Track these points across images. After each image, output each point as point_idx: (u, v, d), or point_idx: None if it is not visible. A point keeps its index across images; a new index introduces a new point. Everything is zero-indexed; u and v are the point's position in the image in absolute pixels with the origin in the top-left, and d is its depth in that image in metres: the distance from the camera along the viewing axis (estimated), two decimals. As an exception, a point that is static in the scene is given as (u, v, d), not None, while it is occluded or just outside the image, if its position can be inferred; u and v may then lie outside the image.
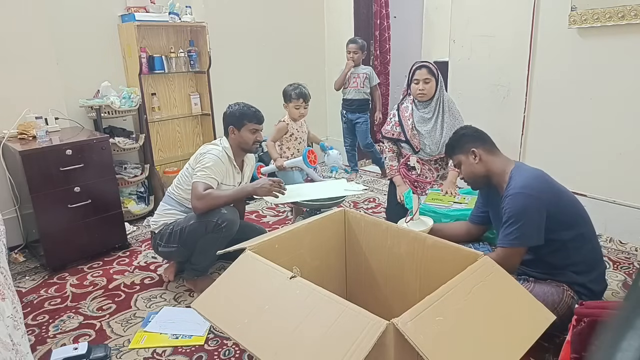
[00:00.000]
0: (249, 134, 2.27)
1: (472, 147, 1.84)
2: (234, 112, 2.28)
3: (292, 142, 3.05)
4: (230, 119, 2.29)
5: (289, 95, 2.95)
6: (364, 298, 1.81)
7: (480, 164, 1.84)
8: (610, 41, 2.48)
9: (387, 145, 2.81)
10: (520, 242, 1.68)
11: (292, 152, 3.04)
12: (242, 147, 2.31)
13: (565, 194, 1.77)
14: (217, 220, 2.07)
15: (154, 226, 2.28)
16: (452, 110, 2.62)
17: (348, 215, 1.84)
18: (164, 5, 3.18)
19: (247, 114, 2.28)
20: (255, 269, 1.39)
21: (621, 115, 2.52)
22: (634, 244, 2.54)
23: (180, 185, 2.26)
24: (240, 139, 2.28)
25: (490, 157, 1.84)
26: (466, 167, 1.88)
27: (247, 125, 2.26)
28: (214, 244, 2.05)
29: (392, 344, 1.04)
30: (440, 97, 2.60)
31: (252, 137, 2.28)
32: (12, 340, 1.25)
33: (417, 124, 2.64)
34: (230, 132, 2.28)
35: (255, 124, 2.29)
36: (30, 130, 2.56)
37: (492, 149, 1.86)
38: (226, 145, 2.28)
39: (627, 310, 0.44)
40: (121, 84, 3.11)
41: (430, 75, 2.54)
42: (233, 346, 1.83)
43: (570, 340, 1.36)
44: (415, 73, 2.57)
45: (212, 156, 2.17)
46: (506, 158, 1.87)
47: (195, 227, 2.10)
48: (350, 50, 3.69)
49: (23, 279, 2.42)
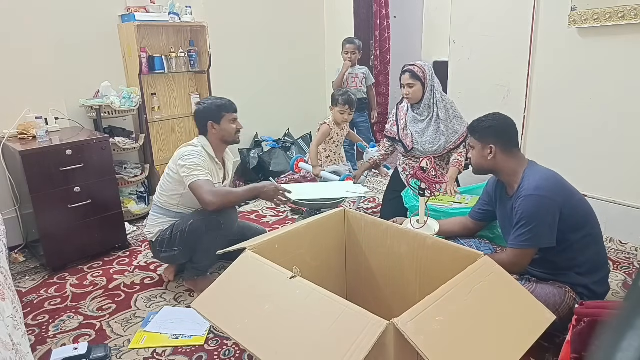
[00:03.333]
0: (230, 124, 2.26)
1: (492, 143, 1.79)
2: (209, 107, 2.25)
3: (329, 145, 3.22)
4: (206, 115, 2.24)
5: (336, 100, 3.11)
6: (364, 298, 1.81)
7: (491, 161, 1.80)
8: (610, 41, 2.48)
9: (383, 142, 2.91)
10: (531, 244, 1.68)
11: (327, 154, 3.24)
12: (225, 139, 2.28)
13: (577, 195, 1.75)
14: (216, 217, 2.08)
15: (150, 236, 2.28)
16: (448, 111, 2.62)
17: (348, 215, 1.84)
18: (164, 5, 3.18)
19: (223, 105, 2.26)
20: (255, 269, 1.39)
21: (621, 115, 2.52)
22: (634, 244, 2.54)
23: (164, 192, 2.23)
24: (222, 132, 2.25)
25: (505, 157, 1.79)
26: (477, 156, 1.84)
27: (226, 116, 2.24)
28: (214, 242, 2.05)
29: (392, 344, 1.04)
30: (432, 98, 2.60)
31: (233, 127, 2.27)
32: (12, 340, 1.25)
33: (409, 124, 2.68)
34: (209, 127, 2.24)
35: (233, 112, 2.28)
36: (30, 130, 2.56)
37: (511, 150, 1.81)
38: (205, 144, 2.24)
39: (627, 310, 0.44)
40: (121, 84, 3.11)
41: (413, 80, 2.56)
42: (233, 346, 1.83)
43: (570, 340, 1.35)
44: (400, 78, 2.62)
45: (196, 155, 2.14)
46: (521, 158, 1.82)
47: (196, 226, 2.10)
48: (347, 51, 3.68)
49: (23, 279, 2.42)
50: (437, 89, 2.62)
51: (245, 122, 3.88)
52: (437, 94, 2.62)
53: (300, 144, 3.85)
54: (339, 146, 3.26)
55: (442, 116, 2.61)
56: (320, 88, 4.52)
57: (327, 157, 3.27)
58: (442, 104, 2.62)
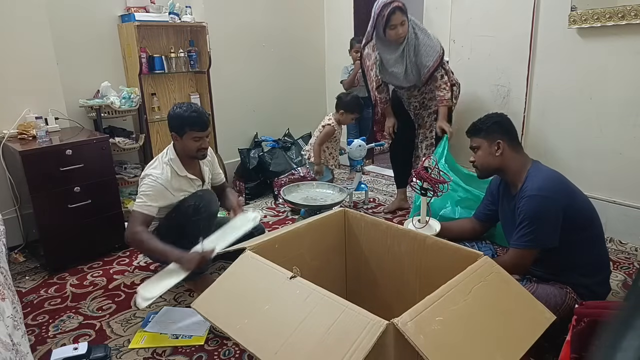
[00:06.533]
0: (192, 141, 2.09)
1: (499, 139, 1.79)
2: (174, 117, 2.09)
3: (332, 143, 3.37)
4: (171, 124, 2.10)
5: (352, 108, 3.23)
6: (364, 298, 1.81)
7: (499, 158, 1.79)
8: (610, 41, 2.48)
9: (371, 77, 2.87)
10: (534, 244, 1.68)
11: (329, 152, 3.37)
12: (186, 154, 2.15)
13: (580, 196, 1.75)
14: (194, 203, 2.10)
15: None
16: (421, 29, 2.66)
17: (348, 215, 1.84)
18: (164, 5, 3.18)
19: (188, 120, 2.06)
20: (255, 269, 1.39)
21: (621, 115, 2.52)
22: (634, 244, 2.54)
23: None
24: (183, 147, 2.13)
25: (512, 154, 1.80)
26: (484, 154, 1.83)
27: (188, 133, 2.07)
28: (198, 227, 2.07)
29: (392, 344, 1.04)
30: (411, 28, 2.63)
31: (195, 145, 2.10)
32: (12, 340, 1.25)
33: (385, 65, 2.74)
34: (173, 138, 2.13)
35: (198, 131, 2.07)
36: (30, 130, 2.56)
37: (516, 146, 1.82)
38: (172, 157, 2.14)
39: (627, 310, 0.44)
40: (121, 84, 3.11)
41: (405, 16, 2.56)
42: (233, 346, 1.83)
43: (570, 340, 1.35)
44: (390, 19, 2.53)
45: (150, 181, 2.07)
46: (526, 156, 1.83)
47: (178, 219, 2.12)
48: (358, 50, 3.70)
49: (23, 279, 2.42)
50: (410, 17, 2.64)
51: (245, 122, 3.95)
52: (412, 21, 2.64)
53: (300, 144, 3.84)
54: (338, 143, 3.42)
55: (421, 36, 2.62)
56: (320, 88, 4.52)
57: (329, 155, 3.37)
58: (416, 27, 2.63)
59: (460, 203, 2.28)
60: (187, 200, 2.12)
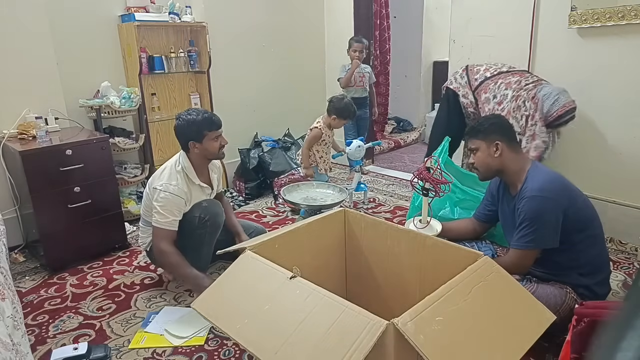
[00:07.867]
0: (213, 142, 2.14)
1: (498, 140, 1.79)
2: (189, 126, 2.09)
3: (321, 146, 3.33)
4: (187, 134, 2.10)
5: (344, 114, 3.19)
6: (364, 298, 1.81)
7: (498, 159, 1.80)
8: (610, 41, 2.48)
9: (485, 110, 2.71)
10: (535, 245, 1.68)
11: (320, 155, 3.33)
12: (208, 157, 2.20)
13: (581, 196, 1.75)
14: (200, 214, 2.08)
15: (143, 245, 2.29)
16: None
17: (348, 215, 1.84)
18: (164, 5, 3.18)
19: (204, 123, 2.10)
20: (255, 269, 1.39)
21: (621, 115, 2.52)
22: (634, 244, 2.54)
23: (147, 208, 2.19)
24: (204, 152, 2.14)
25: (511, 154, 1.80)
26: (483, 156, 1.83)
27: (207, 135, 2.11)
28: (202, 241, 2.06)
29: (392, 344, 1.04)
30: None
31: (216, 145, 2.15)
32: (12, 340, 1.25)
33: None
34: (191, 147, 2.12)
35: (216, 130, 2.13)
36: (30, 130, 2.56)
37: (515, 147, 1.83)
38: (186, 165, 2.13)
39: (627, 310, 0.44)
40: (121, 84, 3.11)
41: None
42: (233, 346, 1.83)
43: (570, 340, 1.35)
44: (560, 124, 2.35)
45: (168, 195, 2.04)
46: (525, 156, 1.83)
47: (182, 228, 2.09)
48: (356, 49, 3.71)
49: (23, 279, 2.42)
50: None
51: (245, 122, 3.95)
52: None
53: (300, 144, 3.84)
54: (328, 145, 3.38)
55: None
56: (320, 88, 4.52)
57: (320, 158, 3.34)
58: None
59: (459, 204, 2.29)
60: (193, 210, 2.09)
